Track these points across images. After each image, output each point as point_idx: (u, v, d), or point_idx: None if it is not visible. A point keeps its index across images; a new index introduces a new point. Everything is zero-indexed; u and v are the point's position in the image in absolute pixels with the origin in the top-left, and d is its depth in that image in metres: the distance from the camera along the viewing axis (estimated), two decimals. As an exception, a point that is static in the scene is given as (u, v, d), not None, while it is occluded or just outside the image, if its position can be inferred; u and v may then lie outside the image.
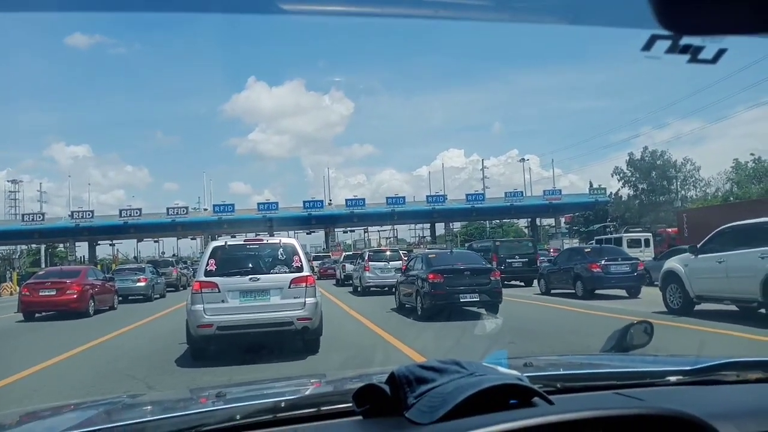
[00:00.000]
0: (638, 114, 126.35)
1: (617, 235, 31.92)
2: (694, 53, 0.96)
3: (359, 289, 20.71)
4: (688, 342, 7.90)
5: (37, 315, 15.27)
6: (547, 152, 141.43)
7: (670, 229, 33.19)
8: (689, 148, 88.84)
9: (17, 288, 27.93)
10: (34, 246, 63.12)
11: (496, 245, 21.94)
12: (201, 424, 1.15)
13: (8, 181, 68.05)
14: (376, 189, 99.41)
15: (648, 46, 0.94)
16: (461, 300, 11.59)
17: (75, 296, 15.05)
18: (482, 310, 11.59)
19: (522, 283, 21.26)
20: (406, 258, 18.24)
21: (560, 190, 56.02)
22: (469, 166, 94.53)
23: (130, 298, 20.76)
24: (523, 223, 73.49)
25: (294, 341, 8.01)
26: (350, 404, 1.17)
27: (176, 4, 1.40)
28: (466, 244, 58.84)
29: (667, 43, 0.94)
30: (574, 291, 15.41)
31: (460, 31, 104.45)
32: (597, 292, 15.11)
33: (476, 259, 13.83)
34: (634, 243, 28.92)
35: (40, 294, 15.10)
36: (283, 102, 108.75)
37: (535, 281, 19.44)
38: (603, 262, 14.90)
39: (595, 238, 35.39)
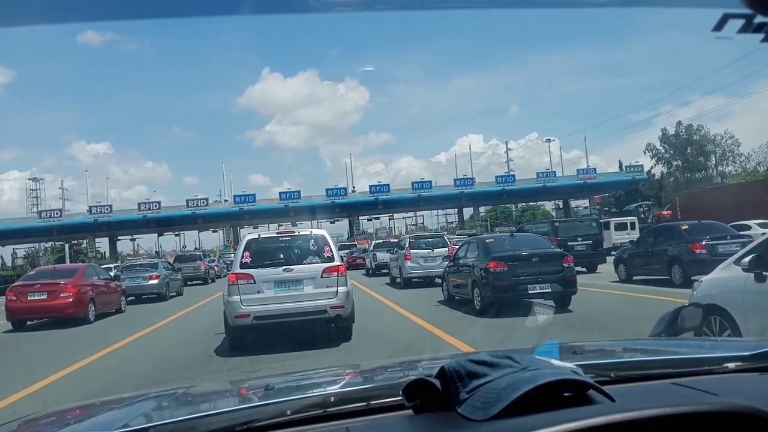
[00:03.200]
0: (658, 93, 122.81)
1: (605, 220, 32.28)
2: None
3: (397, 280, 18.62)
4: None
5: (29, 323, 13.10)
6: (567, 134, 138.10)
7: (665, 212, 33.78)
8: (714, 125, 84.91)
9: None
10: (58, 244, 62.28)
11: (555, 226, 19.32)
12: (252, 420, 1.13)
13: (29, 179, 67.44)
14: (394, 177, 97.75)
15: (719, 26, 0.90)
16: (529, 291, 9.89)
17: (70, 300, 12.65)
18: (541, 300, 10.04)
19: (584, 269, 18.56)
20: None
21: (594, 169, 53.23)
22: (488, 150, 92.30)
23: (144, 297, 18.87)
24: (550, 205, 71.02)
25: (328, 330, 8.25)
26: (400, 398, 1.12)
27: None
28: (496, 229, 56.61)
29: (740, 23, 0.91)
30: (666, 277, 12.90)
31: (472, 14, 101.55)
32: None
33: (543, 243, 11.86)
34: (621, 226, 29.62)
35: (29, 298, 12.75)
36: (298, 92, 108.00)
37: (601, 267, 17.11)
38: (707, 241, 12.41)
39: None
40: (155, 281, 18.98)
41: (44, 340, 11.18)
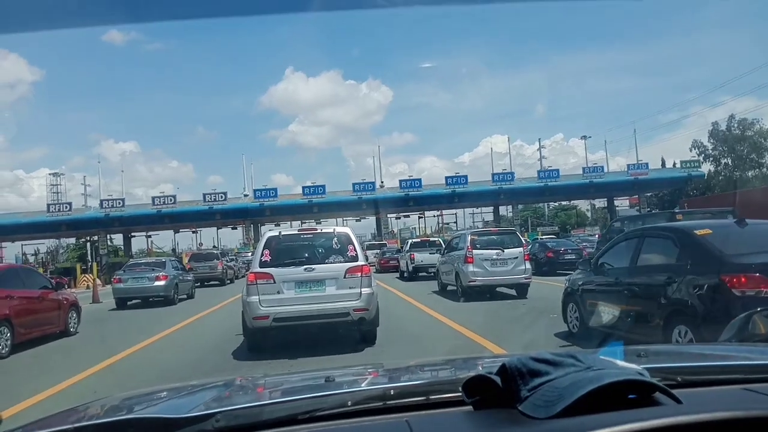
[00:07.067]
0: (687, 94, 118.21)
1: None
2: None
3: (450, 287, 14.76)
4: None
5: None
6: (593, 135, 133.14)
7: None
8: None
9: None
10: (81, 240, 59.64)
11: (677, 220, 14.10)
12: (314, 409, 1.14)
13: (50, 173, 65.13)
14: (417, 176, 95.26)
15: None
16: None
17: None
18: None
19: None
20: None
21: (647, 164, 48.41)
22: (513, 151, 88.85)
23: (151, 300, 16.54)
24: (584, 205, 66.45)
25: (352, 333, 7.94)
26: (459, 394, 1.12)
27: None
28: (538, 230, 52.25)
29: None
30: None
31: (499, 14, 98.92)
32: None
33: None
34: None
35: None
36: (322, 92, 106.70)
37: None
38: None
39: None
40: (162, 282, 16.45)
41: None
